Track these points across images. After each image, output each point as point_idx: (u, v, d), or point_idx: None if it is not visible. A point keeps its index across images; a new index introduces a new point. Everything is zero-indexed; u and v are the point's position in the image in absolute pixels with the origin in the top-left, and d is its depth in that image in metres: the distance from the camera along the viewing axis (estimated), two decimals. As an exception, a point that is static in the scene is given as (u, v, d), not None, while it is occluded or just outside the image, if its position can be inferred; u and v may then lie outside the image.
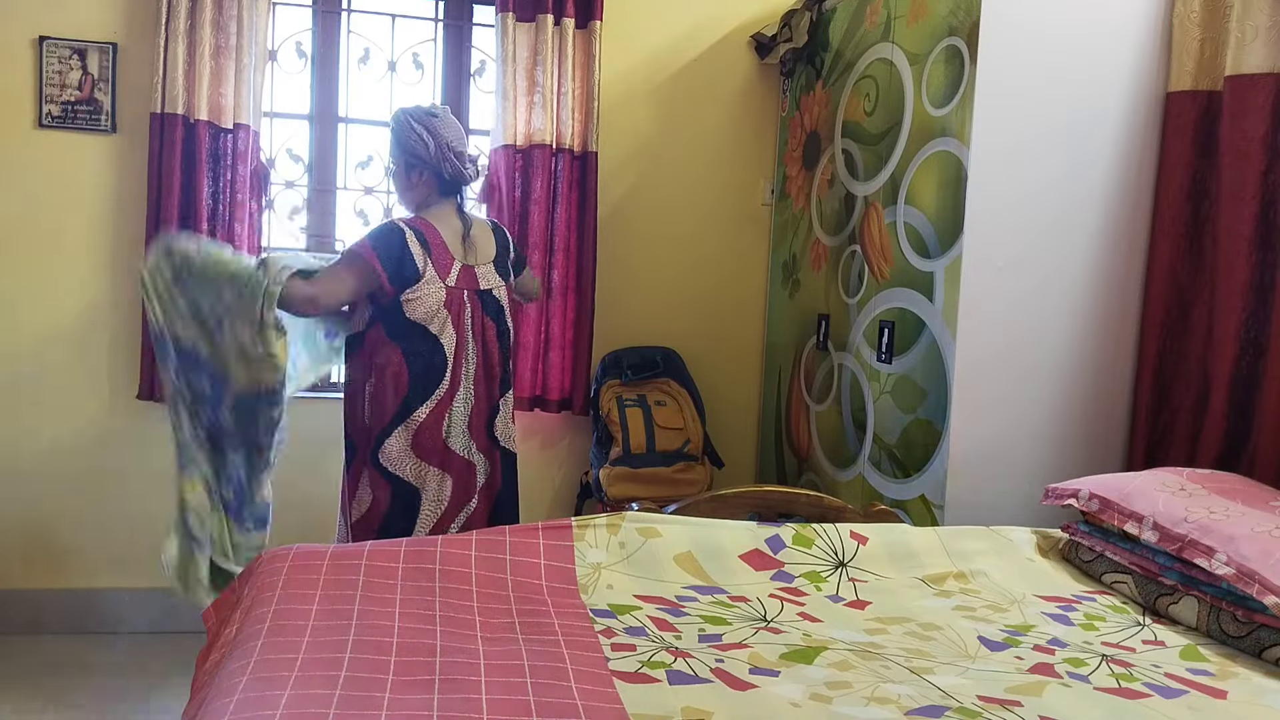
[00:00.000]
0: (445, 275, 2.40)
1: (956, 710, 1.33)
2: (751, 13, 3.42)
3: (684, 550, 1.89)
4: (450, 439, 2.43)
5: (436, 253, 2.40)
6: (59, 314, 3.06)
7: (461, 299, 2.43)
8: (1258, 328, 2.18)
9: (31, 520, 3.09)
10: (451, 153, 2.44)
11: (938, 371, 2.34)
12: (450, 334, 2.41)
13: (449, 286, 2.41)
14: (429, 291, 2.37)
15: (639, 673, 1.41)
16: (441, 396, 2.41)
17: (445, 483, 2.44)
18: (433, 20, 3.33)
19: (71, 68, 3.00)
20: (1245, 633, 1.64)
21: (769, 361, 3.47)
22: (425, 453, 2.40)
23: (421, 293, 2.36)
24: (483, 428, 2.50)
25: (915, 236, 2.46)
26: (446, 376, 2.41)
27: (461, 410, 2.45)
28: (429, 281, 2.37)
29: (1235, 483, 1.96)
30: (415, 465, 2.40)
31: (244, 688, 1.26)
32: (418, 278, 2.35)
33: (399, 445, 2.38)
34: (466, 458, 2.47)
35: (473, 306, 2.46)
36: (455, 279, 2.42)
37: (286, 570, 1.64)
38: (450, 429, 2.43)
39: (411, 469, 2.40)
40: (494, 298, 2.52)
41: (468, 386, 2.46)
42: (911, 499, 2.43)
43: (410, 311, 2.37)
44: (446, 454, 2.43)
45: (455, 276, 2.43)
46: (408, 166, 2.47)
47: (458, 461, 2.45)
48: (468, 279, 2.46)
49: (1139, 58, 2.34)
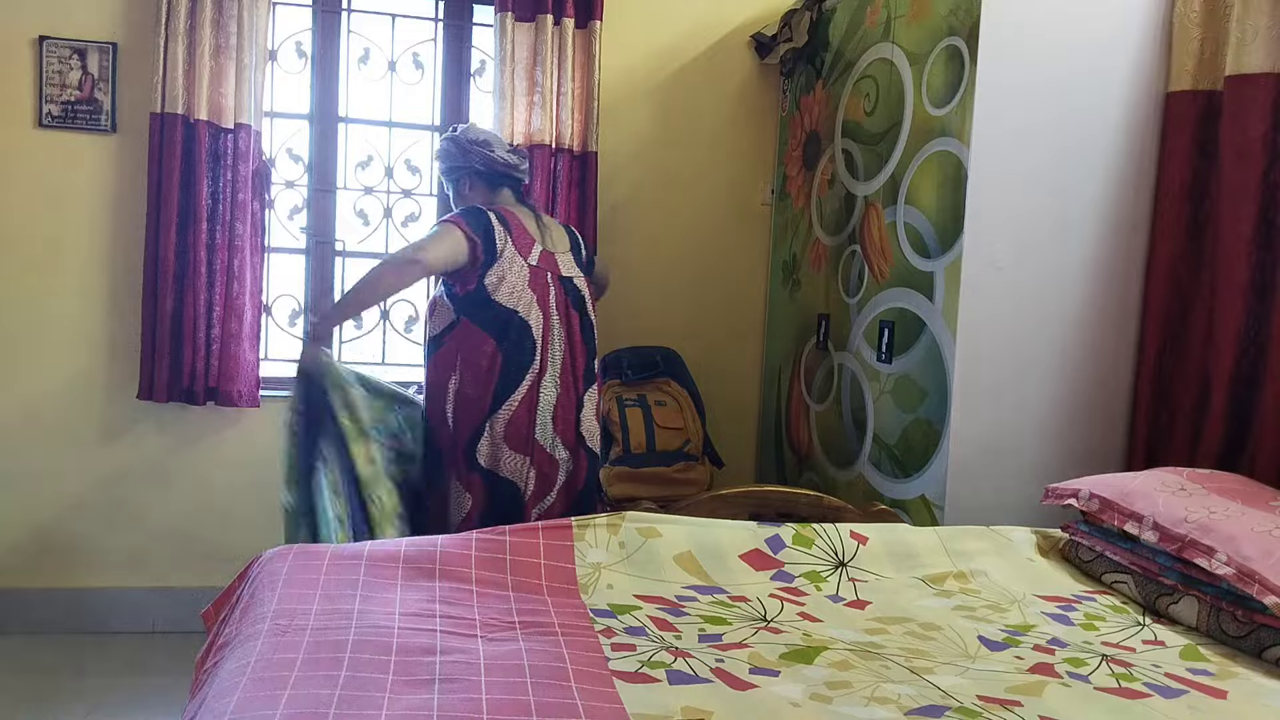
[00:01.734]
0: (526, 255, 2.42)
1: (956, 710, 1.33)
2: (751, 13, 3.42)
3: (684, 550, 1.89)
4: (536, 430, 2.41)
5: (517, 233, 2.43)
6: (59, 313, 3.06)
7: (545, 280, 2.44)
8: (1258, 327, 2.18)
9: (32, 520, 3.09)
10: (474, 145, 2.51)
11: (938, 371, 2.34)
12: (537, 315, 2.41)
13: (531, 266, 2.42)
14: (512, 270, 2.38)
15: (639, 672, 1.41)
16: (531, 382, 2.39)
17: (531, 475, 2.41)
18: (433, 20, 3.33)
19: (71, 67, 3.00)
20: (1245, 633, 1.64)
21: (769, 361, 3.47)
22: (517, 444, 2.39)
23: (504, 270, 2.37)
24: (572, 423, 2.48)
25: (915, 236, 2.46)
26: (536, 361, 2.40)
27: (549, 399, 2.43)
28: (511, 260, 2.38)
29: (1235, 483, 1.96)
30: (512, 458, 2.38)
31: (244, 688, 1.26)
32: (498, 256, 2.37)
33: (493, 439, 2.37)
34: (550, 452, 2.44)
35: (556, 290, 2.47)
36: (537, 259, 2.44)
37: (286, 570, 1.63)
38: (536, 419, 2.41)
39: (509, 463, 2.38)
40: (575, 286, 2.53)
41: (553, 375, 2.43)
42: (911, 499, 2.43)
43: (495, 293, 2.37)
44: (532, 444, 2.41)
45: (537, 257, 2.44)
46: (455, 182, 2.58)
47: (542, 454, 2.42)
48: (549, 262, 2.47)
49: (1139, 58, 2.34)
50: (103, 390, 3.09)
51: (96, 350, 3.09)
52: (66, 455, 3.08)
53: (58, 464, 3.08)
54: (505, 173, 2.56)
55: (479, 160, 2.52)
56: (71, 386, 3.08)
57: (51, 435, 3.08)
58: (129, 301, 3.05)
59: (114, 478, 3.10)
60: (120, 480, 3.10)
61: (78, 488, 3.10)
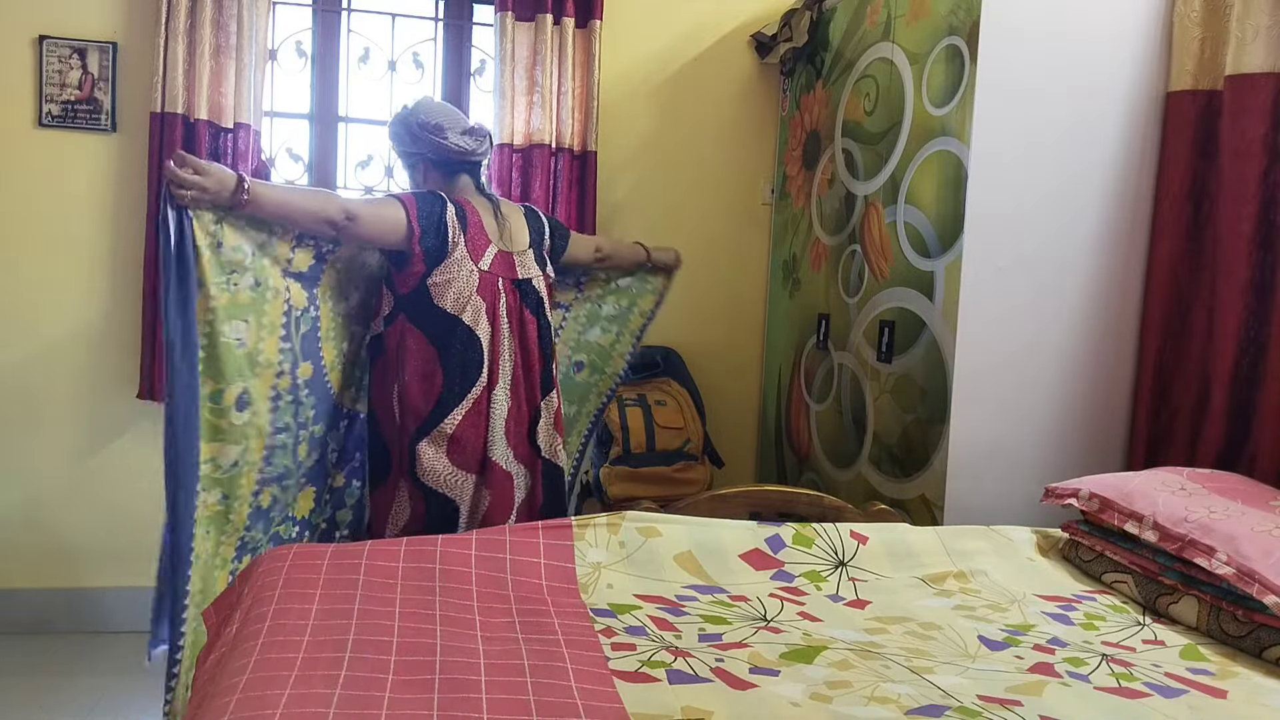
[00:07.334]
0: (479, 258, 2.21)
1: (956, 710, 1.33)
2: (751, 12, 3.42)
3: (684, 550, 1.89)
4: (489, 446, 2.23)
5: (473, 232, 2.21)
6: (59, 313, 3.06)
7: (496, 286, 2.24)
8: (1258, 327, 2.18)
9: (32, 520, 3.09)
10: (423, 130, 2.26)
11: (938, 371, 2.34)
12: (485, 326, 2.21)
13: (482, 271, 2.21)
14: (459, 274, 2.17)
15: (639, 672, 1.41)
16: (478, 396, 2.20)
17: (483, 494, 2.24)
18: (433, 20, 3.33)
19: (71, 67, 3.00)
20: (1245, 632, 1.64)
21: (769, 361, 3.47)
22: (462, 460, 2.20)
23: (451, 274, 2.17)
24: (524, 435, 2.30)
25: (915, 236, 2.46)
26: (483, 375, 2.20)
27: (500, 412, 2.25)
28: (459, 261, 2.17)
29: (1235, 482, 1.96)
30: (452, 474, 2.20)
31: (244, 687, 1.26)
32: (446, 254, 2.16)
33: (433, 452, 2.18)
34: (505, 467, 2.26)
35: (509, 297, 2.26)
36: (490, 264, 2.23)
37: (286, 570, 1.63)
38: (492, 435, 2.23)
39: (449, 479, 2.20)
40: (534, 288, 2.32)
41: (504, 387, 2.25)
42: (911, 499, 2.43)
43: (439, 298, 2.16)
44: (485, 462, 2.23)
45: (490, 261, 2.24)
46: (409, 167, 2.36)
47: (496, 470, 2.25)
48: (504, 265, 2.26)
49: (1139, 57, 2.34)
50: (103, 390, 3.09)
51: (96, 350, 3.09)
52: (67, 454, 3.08)
53: (58, 464, 3.08)
54: (460, 159, 2.30)
55: (429, 148, 2.27)
56: (72, 386, 3.08)
57: (52, 435, 3.08)
58: (129, 301, 3.05)
59: (114, 478, 3.10)
60: (121, 480, 3.10)
61: (78, 488, 3.10)
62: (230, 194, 1.90)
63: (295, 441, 2.15)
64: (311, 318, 2.16)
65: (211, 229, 1.91)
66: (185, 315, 1.87)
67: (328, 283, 2.20)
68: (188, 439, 1.90)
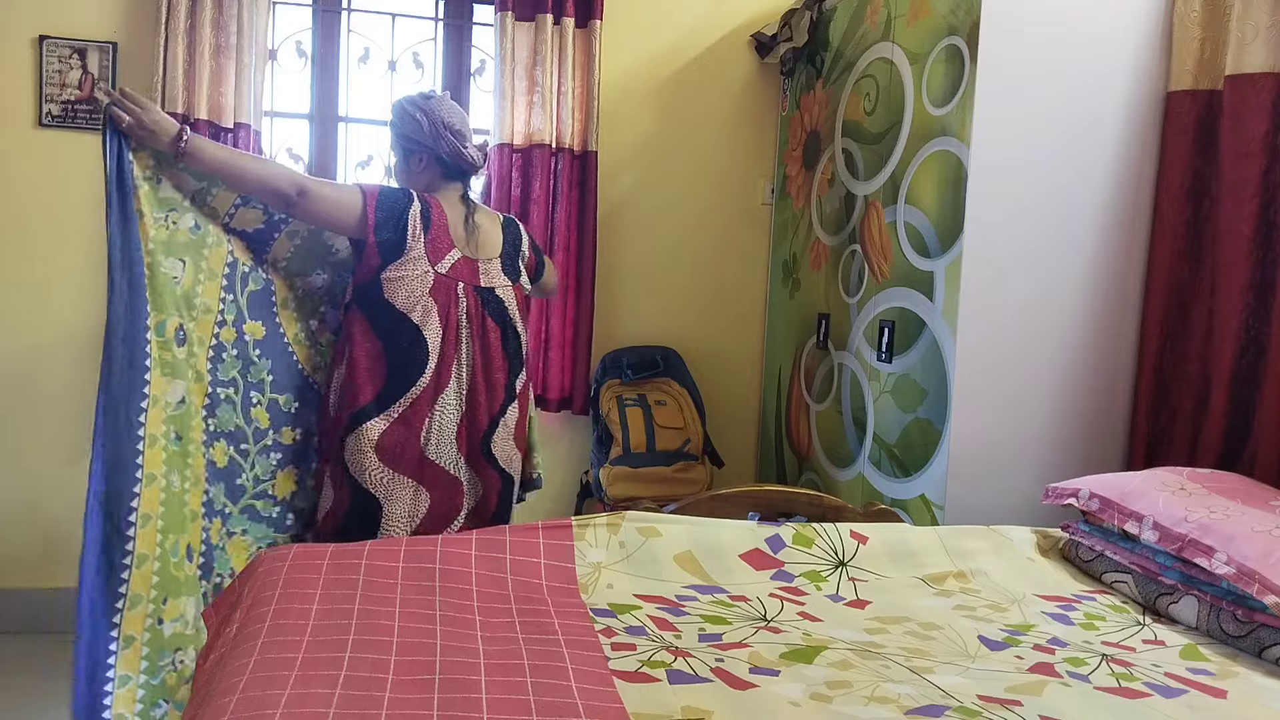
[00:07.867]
0: (436, 261, 2.18)
1: (956, 710, 1.33)
2: (751, 12, 3.42)
3: (684, 550, 1.89)
4: (430, 448, 2.20)
5: (435, 233, 2.19)
6: (59, 313, 3.06)
7: (453, 291, 2.20)
8: (1258, 327, 2.18)
9: (32, 520, 3.09)
10: (449, 131, 2.26)
11: (938, 371, 2.34)
12: (435, 328, 2.17)
13: (439, 273, 2.18)
14: (413, 274, 2.15)
15: (639, 672, 1.41)
16: (418, 396, 2.17)
17: (421, 496, 2.20)
18: (433, 20, 3.33)
19: (72, 67, 3.00)
20: (1245, 632, 1.64)
21: (769, 361, 3.47)
22: (394, 459, 2.17)
23: (405, 272, 2.14)
24: (476, 443, 2.26)
25: (915, 236, 2.46)
26: (426, 375, 2.17)
27: (450, 418, 2.21)
28: (415, 261, 2.15)
29: (1235, 482, 1.96)
30: (380, 471, 2.16)
31: (244, 687, 1.26)
32: (403, 251, 2.14)
33: (359, 445, 2.15)
34: (452, 473, 2.23)
35: (470, 302, 2.23)
36: (449, 268, 2.20)
37: (286, 570, 1.63)
38: (430, 437, 2.19)
39: (374, 475, 2.16)
40: (496, 297, 2.28)
41: (459, 392, 2.22)
42: (911, 499, 2.43)
43: (389, 293, 2.14)
44: (423, 464, 2.20)
45: (449, 265, 2.21)
46: (406, 153, 2.32)
47: (439, 475, 2.21)
48: (465, 271, 2.23)
49: (1139, 57, 2.34)
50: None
51: (97, 350, 3.07)
52: (67, 454, 3.08)
53: (58, 464, 3.08)
54: (468, 169, 2.32)
55: (448, 150, 2.27)
56: (72, 386, 3.08)
57: (52, 435, 3.08)
58: (129, 301, 3.05)
59: (114, 477, 3.10)
60: (120, 480, 3.10)
61: (78, 488, 3.09)
62: (169, 140, 1.97)
63: (247, 402, 2.14)
64: (262, 279, 2.19)
65: (150, 164, 1.99)
66: (126, 233, 1.95)
67: (282, 252, 2.21)
68: (127, 354, 2.01)
